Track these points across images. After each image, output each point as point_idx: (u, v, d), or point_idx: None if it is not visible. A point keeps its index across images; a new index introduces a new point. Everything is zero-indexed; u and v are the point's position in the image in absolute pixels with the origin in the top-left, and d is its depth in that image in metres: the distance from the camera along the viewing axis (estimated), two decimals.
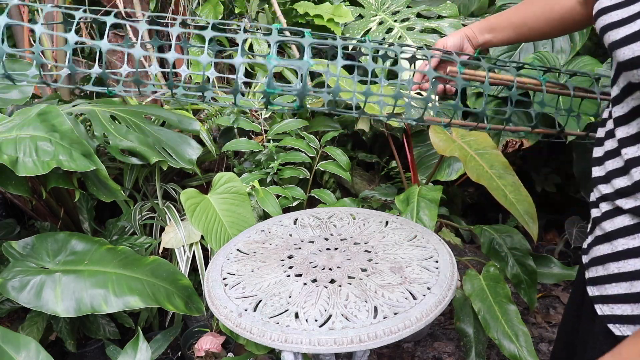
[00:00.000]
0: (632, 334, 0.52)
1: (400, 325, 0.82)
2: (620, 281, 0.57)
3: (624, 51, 0.53)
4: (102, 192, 1.47)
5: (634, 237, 0.56)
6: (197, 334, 1.70)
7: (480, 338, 1.38)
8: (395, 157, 1.97)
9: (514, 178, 1.50)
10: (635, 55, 0.52)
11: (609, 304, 0.59)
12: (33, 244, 1.35)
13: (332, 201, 1.80)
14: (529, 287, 1.47)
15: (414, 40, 1.96)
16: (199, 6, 2.05)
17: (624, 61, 0.53)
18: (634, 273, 0.56)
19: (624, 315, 0.57)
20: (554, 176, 2.34)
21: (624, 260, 0.57)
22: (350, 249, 1.09)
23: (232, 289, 0.96)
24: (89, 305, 1.21)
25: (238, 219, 1.48)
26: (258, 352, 1.30)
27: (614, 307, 0.58)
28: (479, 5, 2.22)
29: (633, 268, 0.56)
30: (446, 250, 1.06)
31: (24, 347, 1.05)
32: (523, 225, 1.44)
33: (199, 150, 1.70)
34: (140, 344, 1.14)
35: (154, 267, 1.34)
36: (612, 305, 0.58)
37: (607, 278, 0.59)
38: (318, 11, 2.03)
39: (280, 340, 0.81)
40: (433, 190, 1.50)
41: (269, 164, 1.81)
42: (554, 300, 2.07)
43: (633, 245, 0.56)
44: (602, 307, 0.60)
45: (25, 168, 1.22)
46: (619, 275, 0.57)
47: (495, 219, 2.44)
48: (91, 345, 1.71)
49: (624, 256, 0.57)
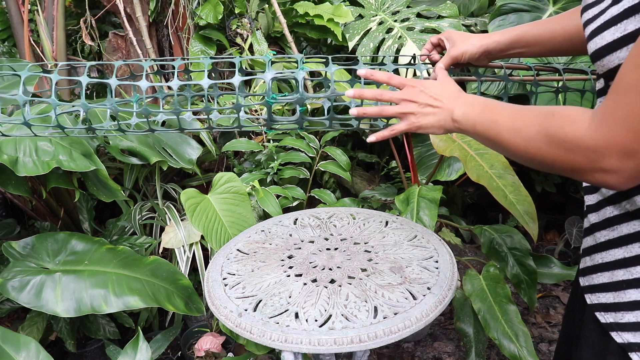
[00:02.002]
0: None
1: (400, 325, 0.82)
2: (603, 271, 0.60)
3: (590, 45, 0.56)
4: (102, 192, 1.48)
5: (613, 228, 0.58)
6: (197, 334, 1.70)
7: (480, 338, 1.38)
8: (395, 157, 1.97)
9: (514, 178, 1.50)
10: (597, 47, 0.54)
11: (595, 293, 0.62)
12: (33, 244, 1.35)
13: (332, 201, 1.80)
14: (529, 287, 1.46)
15: (414, 40, 1.96)
16: (199, 6, 2.05)
17: (591, 54, 0.56)
18: (614, 263, 0.58)
19: (607, 303, 0.59)
20: (554, 176, 2.34)
21: (606, 250, 0.59)
22: (350, 249, 1.09)
23: (232, 289, 0.96)
24: (89, 305, 1.21)
25: (238, 219, 1.48)
26: (258, 352, 1.30)
27: (599, 296, 0.61)
28: (479, 5, 2.22)
29: (613, 258, 0.58)
30: (446, 250, 1.06)
31: (24, 347, 1.05)
32: (523, 225, 1.44)
33: (199, 150, 1.70)
34: (140, 344, 1.14)
35: (154, 267, 1.34)
36: (598, 294, 0.61)
37: (593, 268, 0.62)
38: (318, 11, 2.03)
39: (280, 340, 0.81)
40: (433, 190, 1.50)
41: (269, 164, 1.81)
42: (554, 300, 2.07)
43: (613, 237, 0.58)
44: (590, 296, 0.63)
45: (25, 168, 1.22)
46: (603, 265, 0.60)
47: (495, 219, 2.44)
48: (91, 345, 1.71)
49: (605, 247, 0.59)
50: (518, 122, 0.61)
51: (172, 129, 1.07)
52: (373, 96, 0.80)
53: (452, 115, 0.73)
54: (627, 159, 0.48)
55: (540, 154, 0.57)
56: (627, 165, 0.48)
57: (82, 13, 2.19)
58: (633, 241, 0.56)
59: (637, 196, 0.54)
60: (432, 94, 0.75)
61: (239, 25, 2.09)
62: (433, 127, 0.76)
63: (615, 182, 0.50)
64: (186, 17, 2.11)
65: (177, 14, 2.11)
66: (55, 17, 2.00)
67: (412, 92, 0.77)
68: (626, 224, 0.57)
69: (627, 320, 0.56)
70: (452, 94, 0.75)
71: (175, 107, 0.96)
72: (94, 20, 2.15)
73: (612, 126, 0.48)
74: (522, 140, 0.59)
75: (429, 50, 1.04)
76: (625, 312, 0.57)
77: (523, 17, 1.85)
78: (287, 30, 2.04)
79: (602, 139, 0.49)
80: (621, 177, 0.49)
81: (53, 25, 2.01)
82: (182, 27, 2.14)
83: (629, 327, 0.56)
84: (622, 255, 0.57)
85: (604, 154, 0.49)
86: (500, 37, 0.91)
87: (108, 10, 2.12)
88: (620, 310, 0.57)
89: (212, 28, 2.11)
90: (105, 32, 2.30)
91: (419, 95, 0.76)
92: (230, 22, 2.10)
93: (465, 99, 0.73)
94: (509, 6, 1.86)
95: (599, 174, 0.51)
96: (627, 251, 0.56)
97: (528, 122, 0.59)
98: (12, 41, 2.19)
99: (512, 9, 1.87)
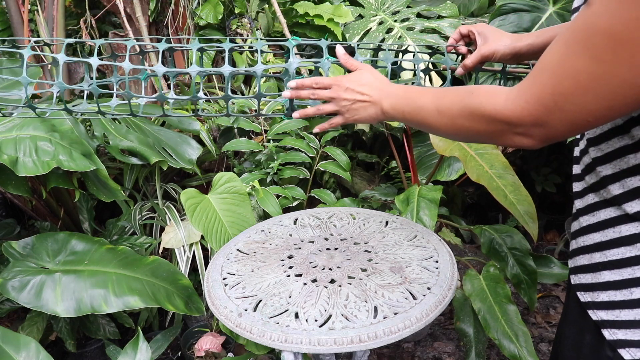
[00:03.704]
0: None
1: (400, 325, 0.82)
2: (584, 253, 0.64)
3: None
4: (102, 192, 1.47)
5: (593, 214, 0.62)
6: (197, 334, 1.70)
7: (480, 338, 1.38)
8: (395, 157, 1.97)
9: (514, 178, 1.50)
10: None
11: (577, 274, 0.65)
12: (33, 244, 1.35)
13: (332, 201, 1.80)
14: (529, 287, 1.46)
15: (414, 40, 1.96)
16: (199, 6, 2.05)
17: None
18: (593, 246, 0.62)
19: (586, 283, 0.63)
20: (554, 176, 2.34)
21: (587, 234, 0.63)
22: (350, 249, 1.09)
23: (232, 289, 0.96)
24: (89, 305, 1.21)
25: (238, 218, 1.48)
26: (258, 352, 1.30)
27: (580, 277, 0.65)
28: (479, 5, 2.22)
29: (592, 242, 0.62)
30: (446, 250, 1.06)
31: (24, 347, 1.05)
32: (523, 225, 1.44)
33: (199, 150, 1.70)
34: (140, 344, 1.14)
35: (154, 267, 1.34)
36: (579, 275, 0.65)
37: (577, 251, 0.66)
38: (318, 11, 2.03)
39: (280, 340, 0.81)
40: (433, 190, 1.50)
41: (269, 164, 1.81)
42: (554, 300, 2.07)
43: (592, 222, 0.62)
44: (574, 277, 0.67)
45: (25, 168, 1.22)
46: (584, 248, 0.64)
47: (495, 219, 2.44)
48: (91, 345, 1.71)
49: (586, 231, 0.63)
50: (441, 104, 0.69)
51: (156, 114, 1.06)
52: (307, 96, 0.89)
53: (381, 107, 0.81)
54: (538, 127, 0.56)
55: (464, 128, 0.66)
56: (538, 131, 0.56)
57: (82, 13, 2.19)
58: (608, 226, 0.60)
59: (611, 185, 0.58)
60: (360, 89, 0.83)
61: (239, 25, 2.09)
62: (366, 119, 0.84)
63: (529, 144, 0.59)
64: (186, 17, 2.11)
65: (177, 14, 2.11)
66: (55, 17, 2.00)
67: (339, 91, 0.84)
68: (603, 210, 0.60)
69: (601, 299, 0.60)
70: (377, 87, 0.82)
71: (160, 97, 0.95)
72: (94, 20, 2.15)
73: (527, 101, 0.55)
74: (447, 119, 0.68)
75: (457, 40, 1.04)
76: (600, 292, 0.61)
77: (523, 17, 1.85)
78: (287, 30, 2.04)
79: (518, 110, 0.57)
80: (533, 140, 0.58)
81: (53, 25, 2.01)
82: (182, 27, 2.14)
83: (602, 306, 0.60)
84: (599, 239, 0.61)
85: (518, 123, 0.57)
86: (534, 40, 0.91)
87: (108, 10, 2.13)
88: (596, 290, 0.61)
89: (212, 28, 2.11)
90: (105, 32, 2.30)
91: (346, 93, 0.84)
92: (230, 22, 2.10)
93: (390, 90, 0.80)
94: (509, 6, 1.86)
95: (517, 138, 0.59)
96: (603, 235, 0.60)
97: (450, 102, 0.67)
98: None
99: (512, 9, 1.86)
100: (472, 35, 1.00)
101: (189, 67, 0.95)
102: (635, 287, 0.57)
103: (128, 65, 0.93)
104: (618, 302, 0.58)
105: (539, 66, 0.55)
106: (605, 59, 0.47)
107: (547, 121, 0.54)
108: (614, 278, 0.59)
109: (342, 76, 0.86)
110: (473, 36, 0.99)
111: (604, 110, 0.50)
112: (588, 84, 0.49)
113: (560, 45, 0.52)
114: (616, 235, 0.58)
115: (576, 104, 0.51)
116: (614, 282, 0.59)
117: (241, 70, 1.03)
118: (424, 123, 0.73)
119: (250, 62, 2.07)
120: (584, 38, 0.49)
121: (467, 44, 1.04)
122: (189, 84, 1.99)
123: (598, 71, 0.48)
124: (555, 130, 0.55)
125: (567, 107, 0.52)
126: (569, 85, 0.51)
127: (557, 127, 0.54)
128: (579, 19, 0.50)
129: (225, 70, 0.94)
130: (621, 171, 0.57)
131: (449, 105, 0.67)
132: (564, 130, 0.54)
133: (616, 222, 0.59)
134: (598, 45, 0.47)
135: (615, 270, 0.59)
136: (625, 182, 0.57)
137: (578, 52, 0.49)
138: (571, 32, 0.51)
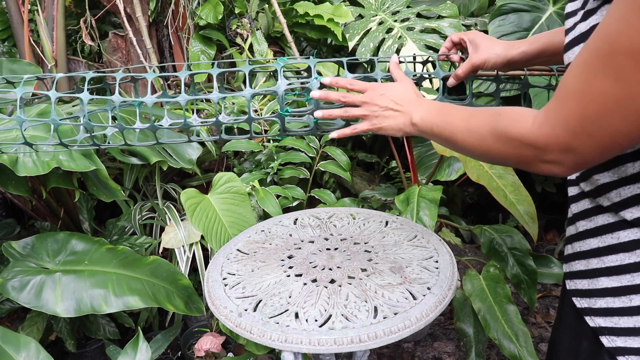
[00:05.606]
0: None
1: (400, 325, 0.82)
2: (580, 259, 0.63)
3: (565, 56, 0.59)
4: (102, 192, 1.47)
5: (590, 219, 0.61)
6: (197, 334, 1.70)
7: (480, 338, 1.38)
8: (395, 157, 1.97)
9: (514, 178, 1.50)
10: (569, 61, 0.57)
11: (573, 279, 0.65)
12: (33, 244, 1.35)
13: (332, 201, 1.80)
14: (529, 287, 1.46)
15: (414, 40, 1.96)
16: (199, 6, 2.05)
17: (565, 65, 0.59)
18: (590, 252, 0.61)
19: (583, 289, 0.62)
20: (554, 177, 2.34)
21: (584, 240, 0.63)
22: (350, 249, 1.09)
23: (232, 289, 0.96)
24: (89, 305, 1.21)
25: (238, 219, 1.48)
26: (258, 352, 1.30)
27: (576, 282, 0.64)
28: (479, 5, 2.22)
29: (589, 247, 0.61)
30: (446, 250, 1.06)
31: (24, 347, 1.05)
32: (523, 225, 1.44)
33: (199, 150, 1.70)
34: (140, 344, 1.14)
35: (154, 267, 1.34)
36: (575, 281, 0.64)
37: (573, 256, 0.65)
38: (318, 11, 2.03)
39: (280, 340, 0.81)
40: (433, 190, 1.50)
41: (269, 164, 1.81)
42: (554, 300, 2.07)
43: (590, 227, 0.61)
44: (569, 282, 0.66)
45: (25, 168, 1.22)
46: (580, 253, 0.63)
47: (495, 219, 2.44)
48: (91, 345, 1.71)
49: (583, 236, 0.63)
50: (471, 123, 0.67)
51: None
52: (337, 98, 0.86)
53: (411, 119, 0.79)
54: (567, 153, 0.54)
55: (491, 150, 0.64)
56: (568, 158, 0.54)
57: (82, 13, 2.19)
58: (606, 232, 0.59)
59: (609, 193, 0.58)
60: (393, 98, 0.81)
61: (239, 25, 2.09)
62: (393, 129, 0.81)
63: (559, 171, 0.57)
64: (186, 17, 2.11)
65: (177, 14, 2.11)
66: (55, 17, 2.00)
67: (373, 96, 0.83)
68: (601, 216, 0.60)
69: (599, 305, 0.60)
70: (411, 98, 0.81)
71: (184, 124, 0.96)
72: (94, 20, 2.15)
73: (554, 126, 0.54)
74: (475, 139, 0.66)
75: (448, 48, 1.02)
76: (597, 299, 0.60)
77: (523, 17, 1.85)
78: (287, 30, 2.04)
79: (545, 136, 0.55)
80: (563, 167, 0.56)
81: (53, 25, 2.01)
82: (182, 27, 2.14)
83: (600, 313, 0.60)
84: (596, 245, 0.61)
85: (546, 149, 0.55)
86: (527, 48, 0.89)
87: (108, 10, 2.12)
88: (594, 296, 0.61)
89: (212, 28, 2.11)
90: (105, 32, 2.30)
91: (380, 99, 0.82)
92: (230, 22, 2.10)
93: (423, 103, 0.80)
94: (509, 6, 1.86)
95: (545, 165, 0.57)
96: (601, 241, 0.60)
97: (479, 122, 0.66)
98: (12, 41, 2.19)
99: (512, 9, 1.87)
100: (463, 43, 0.99)
101: (211, 94, 0.96)
102: (635, 294, 0.56)
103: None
104: (617, 309, 0.58)
105: (563, 89, 0.53)
106: (630, 80, 0.45)
107: (576, 147, 0.52)
108: (612, 285, 0.58)
109: (378, 83, 0.85)
110: (465, 44, 0.98)
111: (635, 132, 0.48)
112: (614, 106, 0.47)
113: (581, 68, 0.50)
114: (615, 242, 0.58)
115: (604, 127, 0.49)
116: (612, 288, 0.58)
117: (260, 91, 1.04)
118: (452, 140, 0.71)
119: (250, 62, 2.07)
120: (606, 59, 0.47)
121: (460, 51, 1.02)
122: (188, 84, 2.00)
123: (623, 92, 0.46)
124: (585, 156, 0.53)
125: (594, 131, 0.50)
126: (595, 109, 0.49)
127: (587, 152, 0.52)
128: (599, 38, 0.48)
129: (246, 93, 0.96)
130: (620, 179, 0.56)
131: (479, 124, 0.66)
132: (594, 154, 0.52)
133: (615, 228, 0.58)
134: (622, 66, 0.46)
135: (613, 276, 0.58)
136: (624, 189, 0.56)
137: (601, 74, 0.48)
138: (591, 52, 0.49)
